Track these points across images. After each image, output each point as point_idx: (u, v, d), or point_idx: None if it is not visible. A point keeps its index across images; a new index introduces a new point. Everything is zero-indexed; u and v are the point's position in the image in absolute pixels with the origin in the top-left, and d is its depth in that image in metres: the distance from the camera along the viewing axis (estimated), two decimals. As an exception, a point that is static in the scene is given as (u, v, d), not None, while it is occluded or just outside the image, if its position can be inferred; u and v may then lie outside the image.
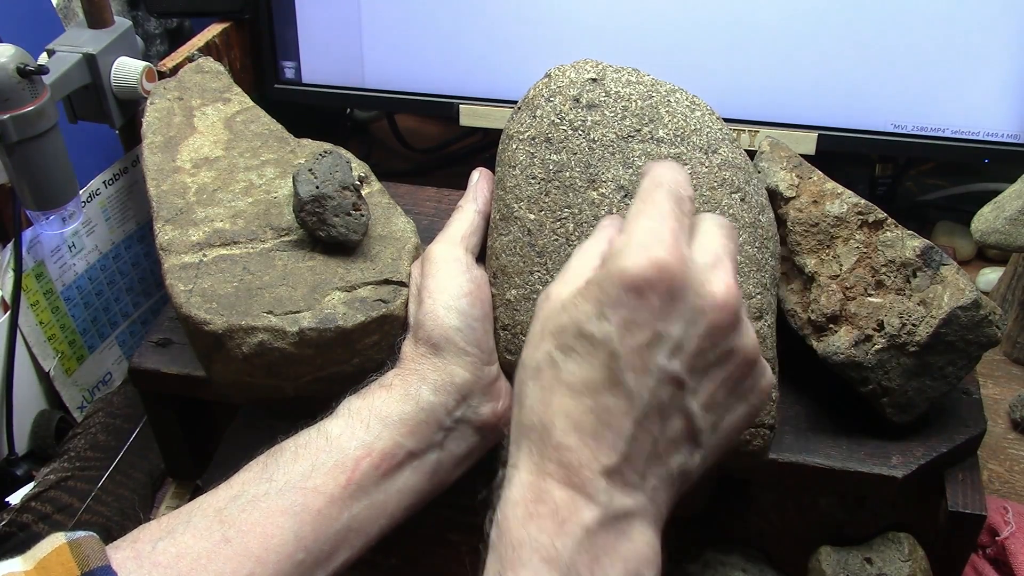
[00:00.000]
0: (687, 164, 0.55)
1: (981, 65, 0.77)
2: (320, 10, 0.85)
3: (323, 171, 0.57)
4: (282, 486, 0.48)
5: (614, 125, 0.55)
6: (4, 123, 0.63)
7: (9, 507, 0.67)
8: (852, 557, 0.59)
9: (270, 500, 0.47)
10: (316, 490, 0.48)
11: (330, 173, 0.57)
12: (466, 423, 0.53)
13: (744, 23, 0.79)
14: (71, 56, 0.72)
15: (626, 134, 0.55)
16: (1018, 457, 0.71)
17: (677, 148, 0.55)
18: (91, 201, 0.77)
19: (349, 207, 0.57)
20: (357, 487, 0.49)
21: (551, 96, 0.56)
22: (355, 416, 0.51)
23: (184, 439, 0.69)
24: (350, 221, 0.57)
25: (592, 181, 0.54)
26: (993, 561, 0.63)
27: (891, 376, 0.54)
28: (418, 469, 0.51)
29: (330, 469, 0.49)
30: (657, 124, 0.55)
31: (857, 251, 0.57)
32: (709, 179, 0.54)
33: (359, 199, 0.58)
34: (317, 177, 0.57)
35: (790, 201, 0.59)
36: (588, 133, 0.55)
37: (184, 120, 0.68)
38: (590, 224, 0.53)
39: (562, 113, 0.55)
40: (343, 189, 0.57)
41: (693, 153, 0.55)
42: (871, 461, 0.55)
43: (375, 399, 0.51)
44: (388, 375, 0.53)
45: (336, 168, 0.57)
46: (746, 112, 0.82)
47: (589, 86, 0.56)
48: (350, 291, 0.56)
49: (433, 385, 0.52)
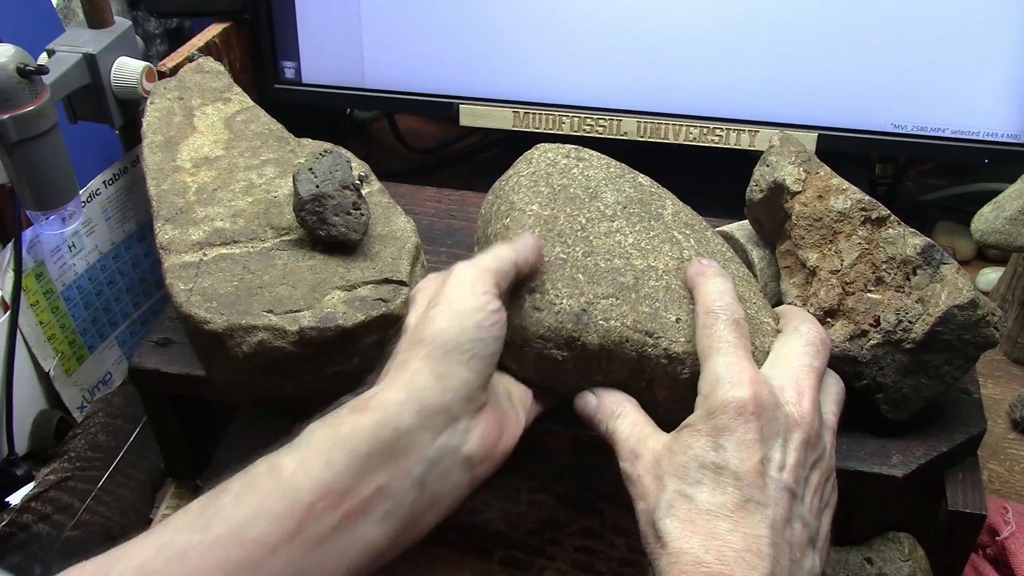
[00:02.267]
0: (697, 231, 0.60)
1: (981, 65, 0.77)
2: (320, 10, 0.85)
3: (323, 170, 0.57)
4: (217, 537, 0.41)
5: (602, 170, 0.60)
6: (4, 123, 0.63)
7: (9, 507, 0.67)
8: (852, 557, 0.59)
9: (201, 553, 0.40)
10: (258, 541, 0.41)
11: (330, 172, 0.57)
12: (452, 453, 0.46)
13: (744, 23, 0.79)
14: (71, 56, 0.72)
15: (614, 176, 0.60)
16: (1018, 457, 0.71)
17: (660, 190, 0.61)
18: (91, 201, 0.77)
19: (349, 206, 0.57)
20: (309, 537, 0.42)
21: (543, 154, 0.60)
22: (315, 448, 0.43)
23: (184, 439, 0.69)
24: (350, 220, 0.57)
25: (594, 198, 0.58)
26: (993, 561, 0.63)
27: (886, 373, 0.54)
28: (390, 514, 0.44)
29: (277, 516, 0.41)
30: (636, 175, 0.61)
31: (859, 247, 0.57)
32: None
33: (359, 198, 0.58)
34: (317, 176, 0.57)
35: (796, 195, 0.59)
36: (583, 171, 0.60)
37: (184, 120, 0.68)
38: (599, 221, 0.56)
39: (555, 161, 0.60)
40: (343, 188, 0.57)
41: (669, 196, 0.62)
42: (871, 460, 0.55)
43: (342, 427, 0.44)
44: (365, 395, 0.46)
45: (336, 167, 0.57)
46: (746, 112, 0.82)
47: (574, 152, 0.61)
48: (350, 290, 0.56)
49: (419, 401, 0.45)
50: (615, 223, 0.57)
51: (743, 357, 0.47)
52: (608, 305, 0.52)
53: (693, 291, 0.53)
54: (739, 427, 0.45)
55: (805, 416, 0.47)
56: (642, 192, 0.60)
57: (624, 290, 0.53)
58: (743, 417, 0.45)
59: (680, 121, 0.83)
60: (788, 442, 0.46)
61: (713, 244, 0.59)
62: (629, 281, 0.54)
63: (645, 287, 0.54)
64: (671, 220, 0.59)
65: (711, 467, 0.45)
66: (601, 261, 0.54)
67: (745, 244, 0.65)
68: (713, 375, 0.47)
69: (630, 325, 0.52)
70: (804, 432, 0.47)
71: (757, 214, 0.63)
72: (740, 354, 0.48)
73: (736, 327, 0.49)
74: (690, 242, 0.57)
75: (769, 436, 0.45)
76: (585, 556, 0.67)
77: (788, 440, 0.46)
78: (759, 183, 0.61)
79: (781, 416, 0.46)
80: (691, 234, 0.58)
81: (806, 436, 0.47)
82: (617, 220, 0.57)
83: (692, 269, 0.54)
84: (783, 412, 0.46)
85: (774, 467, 0.45)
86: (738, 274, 0.57)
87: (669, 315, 0.53)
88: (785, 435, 0.46)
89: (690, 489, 0.45)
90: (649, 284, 0.54)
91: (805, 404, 0.47)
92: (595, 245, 0.55)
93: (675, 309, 0.53)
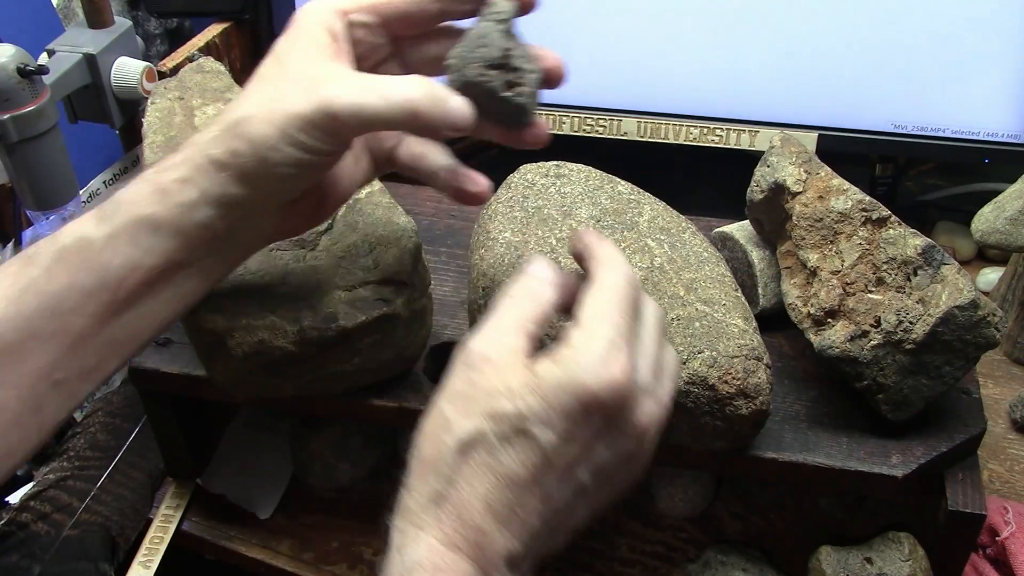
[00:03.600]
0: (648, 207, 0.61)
1: (981, 65, 0.77)
2: (320, 10, 0.85)
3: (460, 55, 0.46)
4: (32, 310, 0.43)
5: (579, 184, 0.61)
6: (4, 123, 0.63)
7: (8, 506, 0.67)
8: (852, 557, 0.59)
9: (18, 324, 0.43)
10: (73, 312, 0.43)
11: (470, 53, 0.46)
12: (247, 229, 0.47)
13: (744, 23, 0.79)
14: (71, 56, 0.72)
15: (592, 188, 0.61)
16: (1018, 457, 0.71)
17: (639, 195, 0.61)
18: (91, 201, 0.77)
19: (500, 89, 0.45)
20: (123, 305, 0.44)
21: (521, 177, 0.62)
22: (121, 226, 0.44)
23: (184, 439, 0.69)
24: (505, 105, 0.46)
25: (567, 215, 0.59)
26: (993, 561, 0.63)
27: (886, 373, 0.54)
28: (193, 276, 0.46)
29: (90, 289, 0.43)
30: (615, 183, 0.62)
31: (860, 247, 0.57)
32: None
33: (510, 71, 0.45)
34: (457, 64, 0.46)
35: (796, 196, 0.59)
36: (560, 188, 0.61)
37: (185, 120, 0.68)
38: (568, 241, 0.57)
39: (533, 181, 0.62)
40: (488, 69, 0.45)
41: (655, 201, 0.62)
42: (871, 460, 0.55)
43: (144, 206, 0.44)
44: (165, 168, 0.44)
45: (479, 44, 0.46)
46: (746, 112, 0.82)
47: (554, 169, 0.62)
48: (351, 290, 0.56)
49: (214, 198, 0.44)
50: None
51: (628, 345, 0.41)
52: None
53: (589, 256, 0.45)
54: (578, 418, 0.39)
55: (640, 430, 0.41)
56: (619, 202, 0.60)
57: None
58: (588, 411, 0.39)
59: (680, 121, 0.83)
60: (613, 447, 0.41)
61: (689, 246, 0.59)
62: None
63: None
64: (646, 227, 0.59)
65: (529, 436, 0.39)
66: None
67: (745, 244, 0.65)
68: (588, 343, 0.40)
69: None
70: (633, 445, 0.42)
71: (758, 214, 0.63)
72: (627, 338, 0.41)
73: (634, 303, 0.43)
74: (664, 248, 0.58)
75: (601, 438, 0.40)
76: (585, 556, 0.67)
77: (614, 446, 0.41)
78: (760, 183, 0.61)
79: (623, 424, 0.41)
80: (666, 239, 0.59)
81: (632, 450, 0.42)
82: None
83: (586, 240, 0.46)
84: (628, 421, 0.41)
85: (586, 466, 0.40)
86: (712, 275, 0.57)
87: None
88: (615, 442, 0.41)
89: (497, 443, 0.39)
90: None
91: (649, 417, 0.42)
92: (563, 266, 0.56)
93: None
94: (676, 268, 0.57)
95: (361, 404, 0.60)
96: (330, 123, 0.42)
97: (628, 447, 0.42)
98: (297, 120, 0.42)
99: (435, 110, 0.43)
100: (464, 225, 0.75)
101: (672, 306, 0.54)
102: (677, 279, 0.56)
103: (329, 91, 0.42)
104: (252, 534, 0.69)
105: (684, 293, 0.55)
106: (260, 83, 0.45)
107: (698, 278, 0.56)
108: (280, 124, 0.42)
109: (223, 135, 0.43)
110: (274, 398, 0.59)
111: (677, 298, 0.55)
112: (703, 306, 0.55)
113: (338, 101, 0.42)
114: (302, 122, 0.42)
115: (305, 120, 0.42)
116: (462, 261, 0.71)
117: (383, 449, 0.73)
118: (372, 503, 0.71)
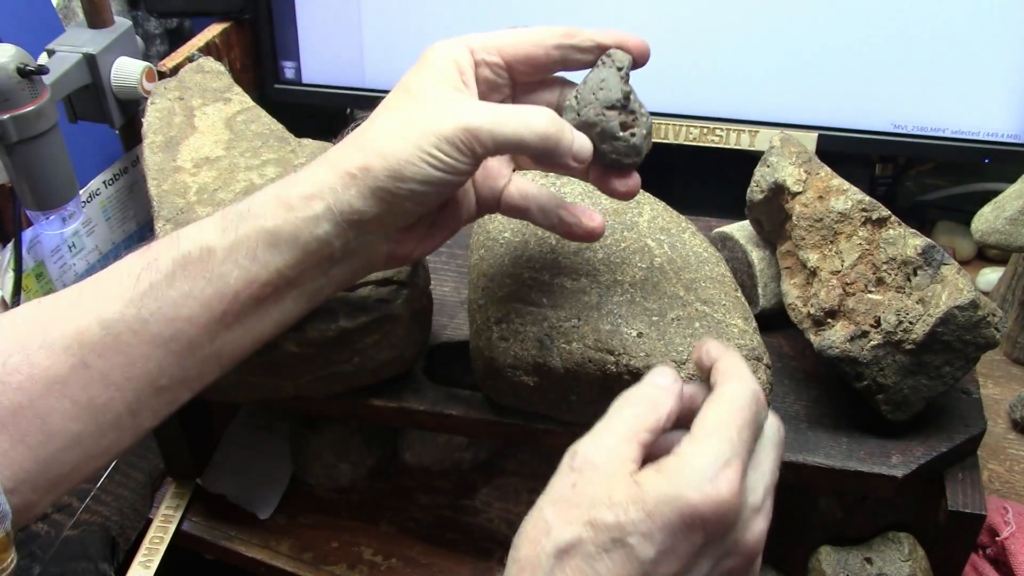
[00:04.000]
0: None
1: (981, 65, 0.77)
2: (320, 10, 0.85)
3: (585, 94, 0.49)
4: (151, 313, 0.44)
5: (579, 185, 0.61)
6: (4, 123, 0.63)
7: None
8: (852, 557, 0.59)
9: (136, 327, 0.44)
10: (188, 320, 0.45)
11: (592, 94, 0.48)
12: (358, 255, 0.48)
13: (744, 23, 0.79)
14: (71, 56, 0.72)
15: (592, 188, 0.60)
16: (1018, 457, 0.71)
17: (639, 195, 0.59)
18: (91, 201, 0.77)
19: (616, 130, 0.48)
20: (234, 318, 0.46)
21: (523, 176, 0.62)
22: (243, 237, 0.45)
23: (184, 439, 0.69)
24: (618, 145, 0.48)
25: None
26: (993, 561, 0.63)
27: (886, 373, 0.54)
28: (299, 296, 0.48)
29: (207, 299, 0.45)
30: None
31: (859, 247, 0.57)
32: None
33: (627, 114, 0.49)
34: (579, 103, 0.49)
35: (796, 196, 0.59)
36: (560, 189, 0.61)
37: (185, 120, 0.68)
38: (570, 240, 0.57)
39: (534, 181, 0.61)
40: (607, 110, 0.48)
41: None
42: (871, 460, 0.55)
43: (267, 219, 0.45)
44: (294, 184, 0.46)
45: (600, 87, 0.48)
46: (746, 112, 0.82)
47: None
48: (351, 290, 0.56)
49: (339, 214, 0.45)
50: None
51: (741, 461, 0.40)
52: (570, 327, 0.53)
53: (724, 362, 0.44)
54: (681, 532, 0.38)
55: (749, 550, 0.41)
56: (619, 202, 0.60)
57: (587, 309, 0.54)
58: (691, 528, 0.38)
59: (680, 121, 0.83)
60: (717, 565, 0.40)
61: (689, 246, 0.59)
62: (593, 300, 0.54)
63: (609, 303, 0.54)
64: (646, 227, 0.59)
65: (627, 548, 0.38)
66: (567, 281, 0.55)
67: (745, 244, 0.65)
68: (698, 457, 0.39)
69: (591, 345, 0.52)
70: (739, 563, 0.41)
71: (758, 214, 0.63)
72: (741, 456, 0.40)
73: (755, 429, 0.42)
74: (664, 248, 0.58)
75: (705, 554, 0.39)
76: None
77: (719, 564, 0.40)
78: (760, 184, 0.61)
79: (730, 543, 0.40)
80: (666, 239, 0.59)
81: (738, 568, 0.41)
82: None
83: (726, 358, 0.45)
84: (735, 540, 0.40)
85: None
86: (712, 275, 0.57)
87: (631, 330, 0.53)
88: (721, 559, 0.40)
89: (595, 552, 0.39)
90: (613, 300, 0.54)
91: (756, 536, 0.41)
92: (563, 266, 0.56)
93: (637, 323, 0.53)
94: (676, 268, 0.57)
95: (361, 404, 0.60)
96: (468, 139, 0.44)
97: (733, 566, 0.41)
98: (433, 137, 0.43)
99: (564, 138, 0.45)
100: (464, 225, 0.75)
101: (672, 306, 0.54)
102: (677, 279, 0.56)
103: (466, 110, 0.44)
104: (252, 534, 0.69)
105: (684, 293, 0.55)
106: (389, 110, 0.46)
107: (698, 278, 0.56)
108: (416, 140, 0.44)
109: (355, 152, 0.45)
110: (274, 398, 0.59)
111: (677, 298, 0.55)
112: (703, 306, 0.55)
113: (476, 119, 0.44)
114: (438, 139, 0.43)
115: (442, 137, 0.43)
116: (462, 261, 0.71)
117: (383, 449, 0.73)
118: (372, 503, 0.71)
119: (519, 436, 0.59)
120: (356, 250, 0.47)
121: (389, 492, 0.72)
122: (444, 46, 0.48)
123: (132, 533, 0.69)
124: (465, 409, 0.59)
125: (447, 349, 0.64)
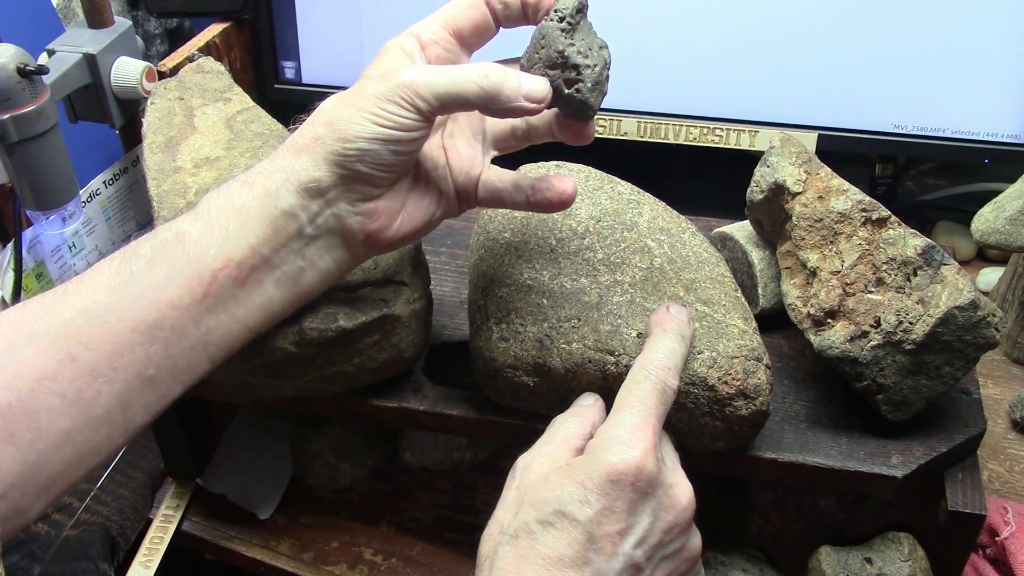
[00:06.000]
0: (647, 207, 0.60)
1: (981, 65, 0.77)
2: (320, 10, 0.85)
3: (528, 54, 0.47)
4: (133, 299, 0.45)
5: (580, 184, 0.60)
6: (4, 123, 0.63)
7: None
8: (852, 557, 0.59)
9: (120, 314, 0.44)
10: (171, 304, 0.45)
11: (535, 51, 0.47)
12: (331, 233, 0.48)
13: (744, 24, 0.79)
14: (71, 56, 0.72)
15: (592, 188, 0.60)
16: (1018, 457, 0.71)
17: (639, 195, 0.61)
18: (91, 201, 0.77)
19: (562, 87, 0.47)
20: (215, 300, 0.46)
21: None
22: (215, 219, 0.46)
23: (184, 439, 0.69)
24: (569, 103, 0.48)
25: (567, 216, 0.59)
26: (993, 561, 0.63)
27: (886, 373, 0.54)
28: (280, 281, 0.48)
29: (186, 280, 0.46)
30: (615, 183, 0.62)
31: (859, 248, 0.57)
32: None
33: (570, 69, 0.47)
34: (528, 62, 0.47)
35: (796, 196, 0.59)
36: None
37: (185, 120, 0.68)
38: (570, 239, 0.57)
39: None
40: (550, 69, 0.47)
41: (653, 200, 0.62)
42: (871, 461, 0.55)
43: (235, 198, 0.47)
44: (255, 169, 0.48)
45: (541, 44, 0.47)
46: (746, 112, 0.82)
47: (554, 169, 0.62)
48: (351, 291, 0.56)
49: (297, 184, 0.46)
50: (586, 240, 0.57)
51: (650, 426, 0.46)
52: (570, 327, 0.53)
53: (647, 338, 0.51)
54: (612, 491, 0.43)
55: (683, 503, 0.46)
56: (618, 202, 0.60)
57: (587, 309, 0.54)
58: (619, 485, 0.44)
59: (680, 121, 0.83)
60: (657, 521, 0.45)
61: (689, 247, 0.59)
62: (593, 300, 0.54)
63: (609, 303, 0.54)
64: (646, 227, 0.59)
65: (569, 517, 0.43)
66: (567, 281, 0.55)
67: (745, 245, 0.65)
68: (613, 429, 0.46)
69: (591, 345, 0.53)
70: (676, 517, 0.46)
71: (758, 215, 0.63)
72: (650, 421, 0.46)
73: (661, 395, 0.47)
74: (664, 248, 0.58)
75: (640, 509, 0.44)
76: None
77: (657, 519, 0.45)
78: (760, 184, 0.61)
79: (660, 495, 0.45)
80: (666, 239, 0.58)
81: (677, 522, 0.46)
82: (588, 236, 0.57)
83: (656, 316, 0.51)
84: (663, 492, 0.45)
85: (632, 540, 0.44)
86: (712, 276, 0.57)
87: (630, 330, 0.53)
88: (657, 514, 0.45)
89: (539, 528, 0.43)
90: (613, 300, 0.54)
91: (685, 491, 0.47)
92: (563, 266, 0.56)
93: (637, 324, 0.53)
94: (676, 268, 0.57)
95: (361, 404, 0.60)
96: (407, 95, 0.45)
97: (673, 520, 0.46)
98: (374, 98, 0.45)
99: (506, 84, 0.46)
100: (464, 225, 0.75)
101: None
102: (677, 279, 0.56)
103: (405, 71, 0.46)
104: (252, 534, 0.69)
105: (684, 293, 0.55)
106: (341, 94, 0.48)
107: (698, 278, 0.56)
108: (359, 104, 0.46)
109: (307, 128, 0.47)
110: (274, 398, 0.59)
111: (677, 298, 0.55)
112: (703, 306, 0.55)
113: (412, 74, 0.45)
114: (378, 98, 0.45)
115: (381, 95, 0.45)
116: (462, 261, 0.71)
117: (383, 449, 0.73)
118: (372, 503, 0.71)
119: (519, 436, 0.59)
120: (326, 227, 0.48)
121: (389, 492, 0.72)
122: (392, 40, 0.50)
123: (132, 533, 0.69)
124: (465, 409, 0.59)
125: (447, 349, 0.64)
